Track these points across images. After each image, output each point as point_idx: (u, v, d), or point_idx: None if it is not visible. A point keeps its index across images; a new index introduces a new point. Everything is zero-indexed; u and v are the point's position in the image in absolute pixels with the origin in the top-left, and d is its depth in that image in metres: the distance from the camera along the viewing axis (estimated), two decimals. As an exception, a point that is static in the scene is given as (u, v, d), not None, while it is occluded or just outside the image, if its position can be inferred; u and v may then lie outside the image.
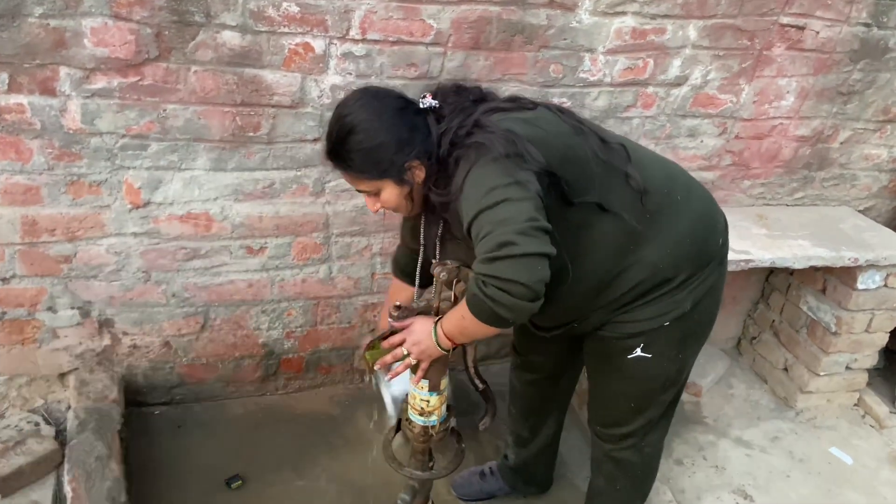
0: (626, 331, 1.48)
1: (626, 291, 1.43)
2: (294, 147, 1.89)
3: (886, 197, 2.62)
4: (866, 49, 2.23)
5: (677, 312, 1.46)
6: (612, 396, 1.62)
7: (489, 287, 1.16)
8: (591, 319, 1.49)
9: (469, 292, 1.23)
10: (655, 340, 1.48)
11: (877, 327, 2.42)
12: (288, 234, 2.02)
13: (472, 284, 1.22)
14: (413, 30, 1.80)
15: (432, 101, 1.36)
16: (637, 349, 1.49)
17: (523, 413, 1.93)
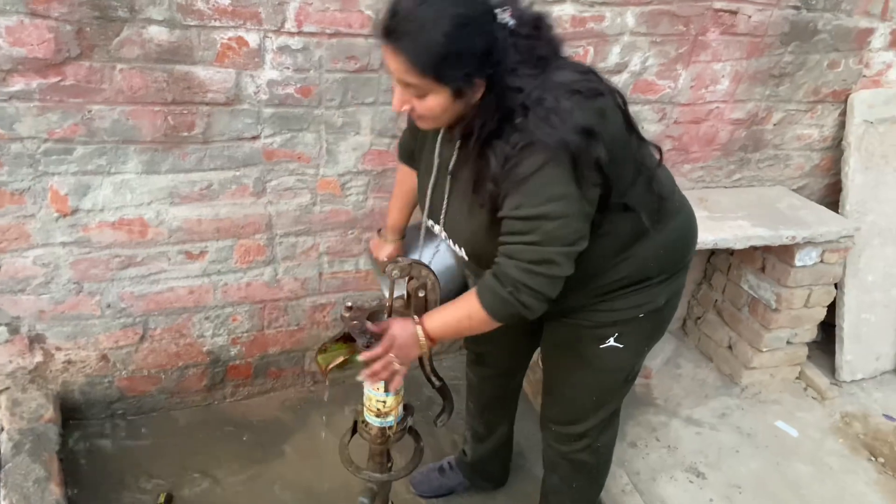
0: (603, 319, 1.46)
1: (611, 282, 1.42)
2: (232, 146, 1.81)
3: (819, 175, 2.71)
4: (796, 31, 2.29)
5: (652, 305, 1.46)
6: (575, 388, 1.60)
7: (523, 294, 1.21)
8: (567, 301, 1.39)
9: (492, 293, 1.23)
10: (629, 331, 1.48)
11: (815, 302, 2.50)
12: (229, 237, 1.94)
13: (495, 285, 1.22)
14: (351, 21, 1.75)
15: (511, 19, 1.15)
16: (611, 339, 1.48)
17: (479, 409, 1.92)
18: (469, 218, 1.30)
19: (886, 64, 2.53)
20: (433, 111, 1.18)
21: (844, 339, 2.65)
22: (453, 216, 1.36)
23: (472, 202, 1.26)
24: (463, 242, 1.37)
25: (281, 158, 1.87)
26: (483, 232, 1.27)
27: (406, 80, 1.14)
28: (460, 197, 1.32)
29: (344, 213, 2.02)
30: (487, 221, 1.25)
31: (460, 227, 1.35)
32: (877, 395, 2.66)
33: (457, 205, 1.34)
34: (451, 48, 1.09)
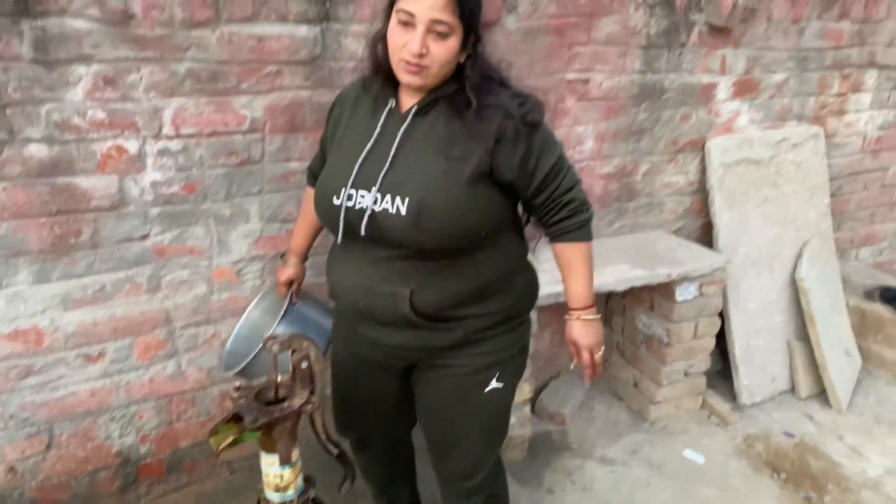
0: (482, 362, 1.54)
1: (495, 311, 1.52)
2: (122, 247, 1.89)
3: (693, 217, 2.94)
4: (645, 92, 2.55)
5: (521, 343, 1.62)
6: (469, 440, 1.65)
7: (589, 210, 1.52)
8: (454, 332, 1.49)
9: (586, 223, 1.51)
10: (506, 370, 1.59)
11: (703, 333, 2.68)
12: (128, 336, 1.99)
13: (584, 216, 1.50)
14: (227, 120, 1.88)
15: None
16: (493, 380, 1.56)
17: (379, 489, 1.95)
18: (425, 170, 1.37)
19: (734, 112, 2.82)
20: (447, 55, 1.33)
21: (738, 365, 2.83)
22: (399, 174, 1.39)
23: (435, 156, 1.38)
24: (411, 193, 1.36)
25: (172, 254, 1.95)
26: (439, 178, 1.36)
27: (442, 17, 1.28)
28: (415, 154, 1.40)
29: (242, 299, 2.10)
30: (450, 169, 1.36)
31: (412, 181, 1.37)
32: (776, 416, 2.83)
33: (407, 163, 1.39)
34: (477, 2, 1.34)
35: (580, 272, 1.54)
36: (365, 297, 1.48)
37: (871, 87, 3.16)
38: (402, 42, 1.32)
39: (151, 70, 1.73)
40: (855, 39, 2.98)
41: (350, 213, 1.41)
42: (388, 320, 1.49)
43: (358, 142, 1.46)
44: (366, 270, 1.47)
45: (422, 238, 1.37)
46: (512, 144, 1.37)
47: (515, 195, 1.48)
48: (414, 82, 1.36)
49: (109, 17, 1.64)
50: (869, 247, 3.65)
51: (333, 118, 1.57)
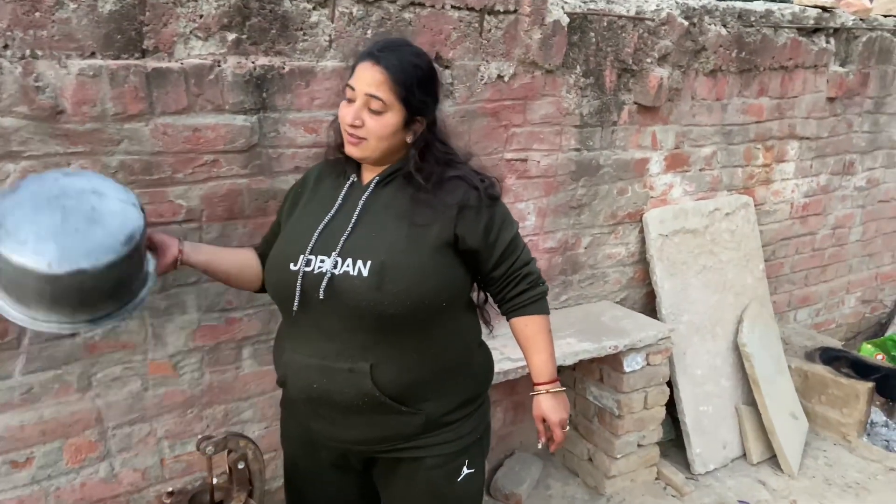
0: (451, 449, 1.50)
1: (456, 392, 1.50)
2: (50, 345, 1.80)
3: (636, 286, 3.00)
4: (582, 169, 2.63)
5: (484, 424, 1.60)
6: None
7: (545, 284, 1.58)
8: (417, 417, 1.45)
9: (544, 297, 1.56)
10: (474, 454, 1.56)
11: (653, 402, 2.69)
12: (57, 438, 1.88)
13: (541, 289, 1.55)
14: (162, 211, 1.85)
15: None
16: (464, 468, 1.53)
17: None
18: (388, 235, 1.41)
19: (668, 184, 2.92)
20: (383, 130, 1.40)
21: (690, 433, 2.84)
22: (361, 239, 1.42)
23: (399, 222, 1.42)
24: (373, 255, 1.38)
25: (105, 350, 1.87)
26: (402, 242, 1.39)
27: (376, 93, 1.37)
28: (377, 221, 1.44)
29: (180, 394, 2.02)
30: (414, 234, 1.40)
31: (374, 244, 1.40)
32: (730, 483, 2.83)
33: (369, 229, 1.43)
34: (421, 80, 1.41)
35: (543, 345, 1.56)
36: (320, 376, 1.42)
37: (793, 156, 3.33)
38: (344, 115, 1.43)
39: (82, 163, 1.70)
40: (775, 113, 3.15)
41: (307, 278, 1.40)
42: (347, 402, 1.42)
43: (318, 212, 1.49)
44: (320, 346, 1.42)
45: (382, 301, 1.35)
46: (475, 213, 1.44)
47: (473, 270, 1.51)
48: (354, 154, 1.44)
49: (39, 114, 1.62)
50: (805, 308, 3.77)
51: (293, 195, 1.61)
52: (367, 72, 1.39)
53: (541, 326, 1.55)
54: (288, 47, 1.92)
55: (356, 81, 1.40)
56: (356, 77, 1.41)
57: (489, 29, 2.24)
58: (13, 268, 1.29)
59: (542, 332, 1.55)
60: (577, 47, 2.46)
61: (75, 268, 1.29)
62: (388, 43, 1.45)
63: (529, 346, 1.56)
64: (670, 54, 2.66)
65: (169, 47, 1.75)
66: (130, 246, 1.37)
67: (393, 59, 1.39)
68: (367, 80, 1.39)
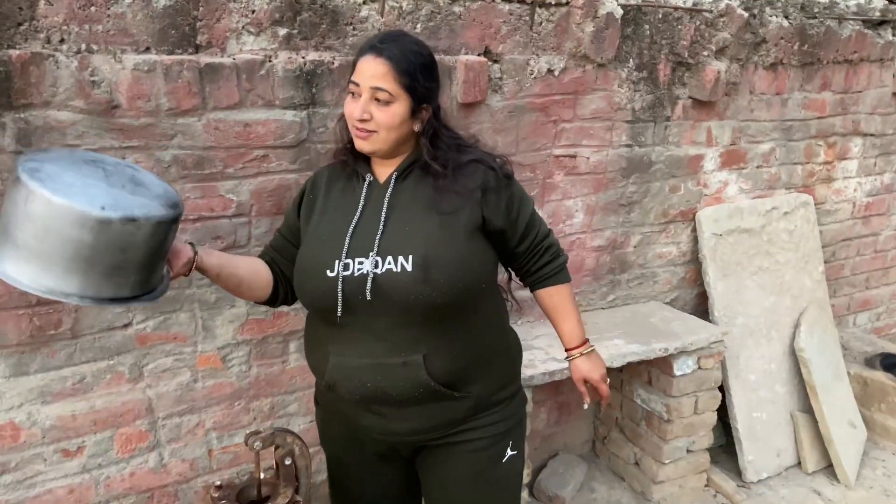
0: (497, 430, 1.53)
1: (498, 373, 1.55)
2: (103, 336, 1.84)
3: (687, 287, 2.91)
4: (633, 165, 2.56)
5: (524, 407, 1.65)
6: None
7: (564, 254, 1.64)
8: (466, 400, 1.48)
9: (564, 265, 1.62)
10: (516, 435, 1.60)
11: (703, 408, 2.61)
12: (108, 428, 1.91)
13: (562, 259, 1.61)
14: (213, 205, 1.86)
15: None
16: (508, 449, 1.56)
17: None
18: (422, 227, 1.41)
19: (723, 182, 2.83)
20: (391, 121, 1.40)
21: (742, 440, 2.75)
22: (396, 235, 1.42)
23: (428, 213, 1.42)
24: (413, 249, 1.38)
25: (155, 341, 1.90)
26: (437, 232, 1.40)
27: (381, 84, 1.38)
28: (406, 216, 1.44)
29: (228, 386, 2.04)
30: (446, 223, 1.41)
31: (410, 239, 1.40)
32: (783, 492, 2.73)
33: (400, 224, 1.43)
34: (424, 66, 1.42)
35: (570, 311, 1.64)
36: (373, 374, 1.42)
37: (856, 154, 3.19)
38: (350, 111, 1.43)
39: (136, 158, 1.72)
40: (838, 109, 3.02)
41: (348, 282, 1.39)
42: (402, 396, 1.43)
43: (341, 217, 1.48)
44: (370, 346, 1.42)
45: (430, 293, 1.36)
46: (496, 193, 1.47)
47: (499, 249, 1.54)
48: (364, 148, 1.45)
49: (94, 108, 1.64)
50: (866, 312, 3.62)
51: (306, 202, 1.58)
52: (370, 64, 1.39)
53: (566, 294, 1.63)
54: (338, 42, 1.91)
55: (359, 76, 1.41)
56: (359, 72, 1.41)
57: (540, 22, 2.20)
58: (53, 211, 1.12)
59: (569, 300, 1.63)
60: (630, 40, 2.39)
61: (128, 215, 1.17)
62: (387, 35, 1.46)
63: (557, 314, 1.64)
64: (728, 47, 2.57)
65: (221, 42, 1.76)
66: (177, 212, 1.30)
67: (394, 50, 1.40)
68: (370, 73, 1.39)
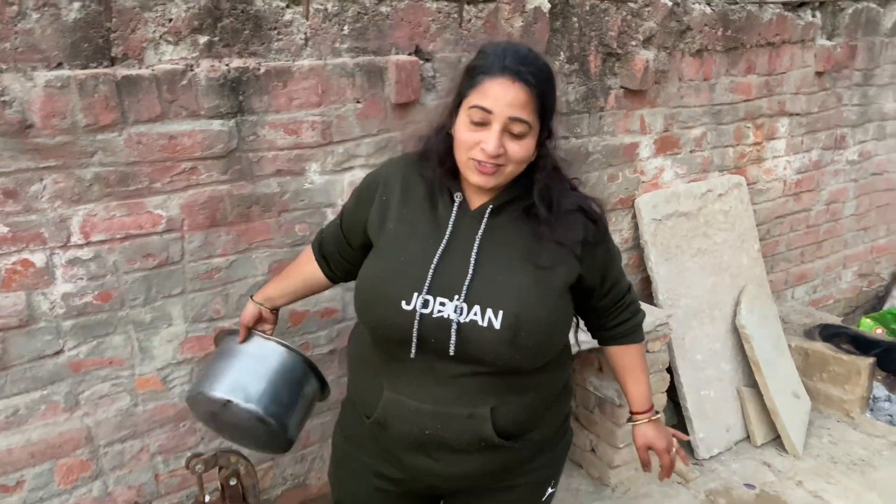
0: (546, 474, 1.46)
1: (558, 415, 1.46)
2: (34, 366, 1.76)
3: (631, 273, 2.95)
4: (571, 156, 2.58)
5: (568, 438, 1.54)
6: None
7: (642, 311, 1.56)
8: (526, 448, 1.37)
9: (640, 324, 1.54)
10: (557, 472, 1.52)
11: (654, 390, 2.64)
12: (47, 460, 1.84)
13: (639, 316, 1.54)
14: (142, 222, 1.80)
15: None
16: (549, 487, 1.48)
17: None
18: (515, 280, 1.27)
19: (658, 168, 2.88)
20: (525, 154, 1.24)
21: (692, 419, 2.81)
22: (486, 283, 1.27)
23: (523, 264, 1.28)
24: (505, 305, 1.25)
25: (90, 367, 1.83)
26: (532, 290, 1.27)
27: (522, 116, 1.21)
28: (499, 262, 1.29)
29: (171, 408, 1.98)
30: (541, 279, 1.28)
31: (502, 291, 1.26)
32: (735, 467, 2.80)
33: (492, 271, 1.28)
34: (553, 90, 1.27)
35: (641, 374, 1.55)
36: (434, 422, 1.29)
37: (784, 133, 3.29)
38: (475, 141, 1.22)
39: (55, 178, 1.66)
40: (763, 91, 3.11)
41: (425, 322, 1.25)
42: (461, 446, 1.31)
43: (423, 237, 1.32)
44: (433, 390, 1.29)
45: (515, 355, 1.25)
46: (593, 249, 1.35)
47: (581, 301, 1.44)
48: (486, 184, 1.26)
49: (6, 129, 1.56)
50: (803, 285, 3.74)
51: (379, 202, 1.39)
52: (508, 91, 1.20)
53: (639, 355, 1.54)
54: (262, 48, 1.87)
55: (494, 103, 1.20)
56: (491, 97, 1.20)
57: (469, 19, 2.19)
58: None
59: (641, 361, 1.54)
60: (559, 33, 2.41)
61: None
62: (518, 53, 1.24)
63: (627, 375, 1.55)
64: (655, 36, 2.62)
65: (138, 53, 1.70)
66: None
67: (534, 73, 1.21)
68: (508, 101, 1.20)
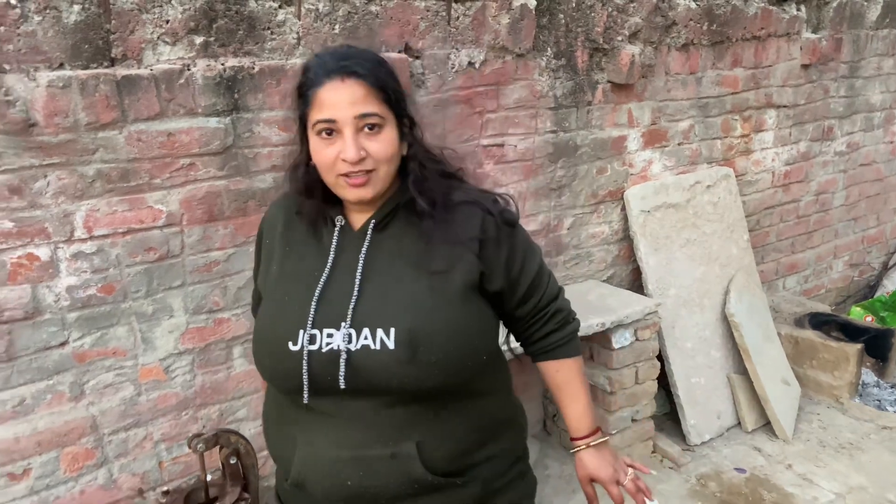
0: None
1: (507, 448, 1.30)
2: (40, 357, 1.82)
3: (622, 264, 3.02)
4: (560, 150, 2.65)
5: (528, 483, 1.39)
6: None
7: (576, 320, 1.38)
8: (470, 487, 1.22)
9: (575, 334, 1.35)
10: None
11: (644, 377, 2.72)
12: (53, 448, 1.90)
13: (572, 325, 1.35)
14: (142, 217, 1.87)
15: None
16: None
17: None
18: (406, 292, 1.16)
19: (647, 161, 2.94)
20: (388, 149, 1.14)
21: (683, 406, 2.87)
22: (374, 301, 1.16)
23: (415, 273, 1.17)
24: (396, 321, 1.14)
25: (94, 358, 1.89)
26: (426, 299, 1.15)
27: (367, 109, 1.12)
28: (387, 276, 1.18)
29: (173, 396, 2.04)
30: (436, 286, 1.17)
31: (392, 307, 1.15)
32: (726, 452, 2.86)
33: (380, 287, 1.17)
34: (389, 74, 1.17)
35: (578, 392, 1.33)
36: (355, 470, 1.15)
37: (771, 125, 3.35)
38: (333, 155, 1.13)
39: (59, 175, 1.72)
40: (750, 83, 3.17)
41: (315, 359, 1.13)
42: (391, 493, 1.16)
43: (305, 272, 1.22)
44: (348, 434, 1.16)
45: (418, 375, 1.12)
46: (496, 245, 1.21)
47: (497, 309, 1.29)
48: (365, 196, 1.16)
49: (11, 128, 1.63)
50: (794, 275, 3.80)
51: (264, 250, 1.33)
52: (342, 91, 1.12)
53: (574, 371, 1.34)
54: (256, 47, 1.93)
55: (333, 110, 1.12)
56: (328, 105, 1.12)
57: (457, 17, 2.26)
58: None
59: (577, 377, 1.34)
60: (546, 30, 2.47)
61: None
62: (337, 53, 1.18)
63: (563, 393, 1.34)
64: (641, 31, 2.68)
65: (137, 54, 1.77)
66: None
67: (359, 63, 1.14)
68: (347, 100, 1.11)
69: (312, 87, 1.15)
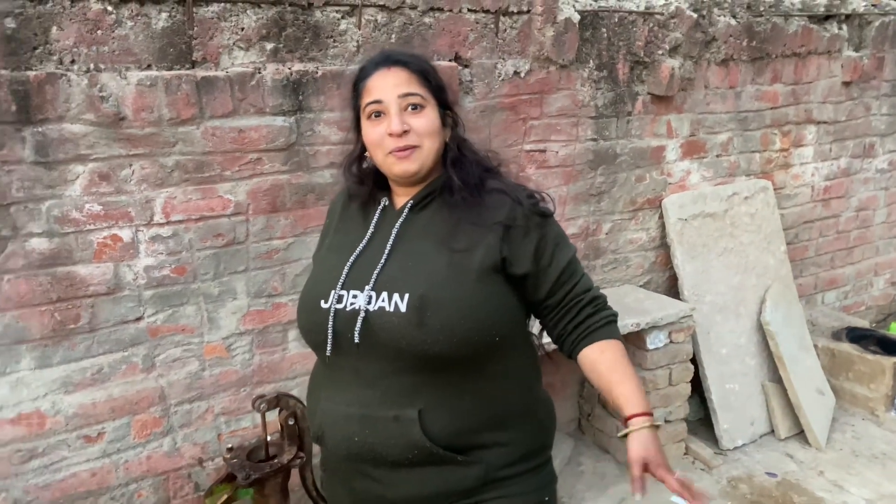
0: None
1: (518, 441, 1.30)
2: (118, 329, 2.01)
3: (659, 270, 3.11)
4: (600, 158, 2.76)
5: (552, 483, 1.39)
6: None
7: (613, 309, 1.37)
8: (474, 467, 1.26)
9: (614, 321, 1.34)
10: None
11: (678, 379, 2.79)
12: (125, 415, 2.08)
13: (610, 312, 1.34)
14: (213, 205, 2.05)
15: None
16: None
17: None
18: (426, 264, 1.26)
19: (685, 171, 3.03)
20: (432, 125, 1.27)
21: (717, 410, 2.93)
22: (396, 269, 1.27)
23: (438, 248, 1.26)
24: (411, 287, 1.22)
25: (165, 333, 2.07)
26: (442, 271, 1.24)
27: (410, 90, 1.26)
28: (412, 249, 1.29)
29: (233, 373, 2.21)
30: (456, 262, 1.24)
31: (411, 275, 1.25)
32: (758, 457, 2.91)
33: (404, 258, 1.28)
34: (433, 70, 1.31)
35: (629, 371, 1.28)
36: (361, 428, 1.24)
37: (811, 141, 3.41)
38: (381, 133, 1.26)
39: (142, 164, 1.91)
40: (790, 99, 3.24)
41: (340, 317, 1.25)
42: (393, 457, 1.23)
43: (348, 243, 1.35)
44: (360, 393, 1.25)
45: (425, 339, 1.18)
46: (523, 233, 1.26)
47: (526, 299, 1.32)
48: (410, 168, 1.27)
49: (103, 121, 1.83)
50: (833, 291, 3.82)
51: (324, 230, 1.50)
52: (389, 77, 1.27)
53: (621, 352, 1.31)
54: (320, 53, 2.11)
55: (380, 92, 1.27)
56: (376, 89, 1.27)
57: (504, 29, 2.41)
58: None
59: (623, 357, 1.30)
60: (589, 42, 2.60)
61: None
62: (386, 51, 1.45)
63: (612, 374, 1.27)
64: (681, 46, 2.79)
65: (215, 58, 1.96)
66: None
67: (404, 56, 1.32)
68: (392, 83, 1.26)
69: (364, 79, 1.31)
